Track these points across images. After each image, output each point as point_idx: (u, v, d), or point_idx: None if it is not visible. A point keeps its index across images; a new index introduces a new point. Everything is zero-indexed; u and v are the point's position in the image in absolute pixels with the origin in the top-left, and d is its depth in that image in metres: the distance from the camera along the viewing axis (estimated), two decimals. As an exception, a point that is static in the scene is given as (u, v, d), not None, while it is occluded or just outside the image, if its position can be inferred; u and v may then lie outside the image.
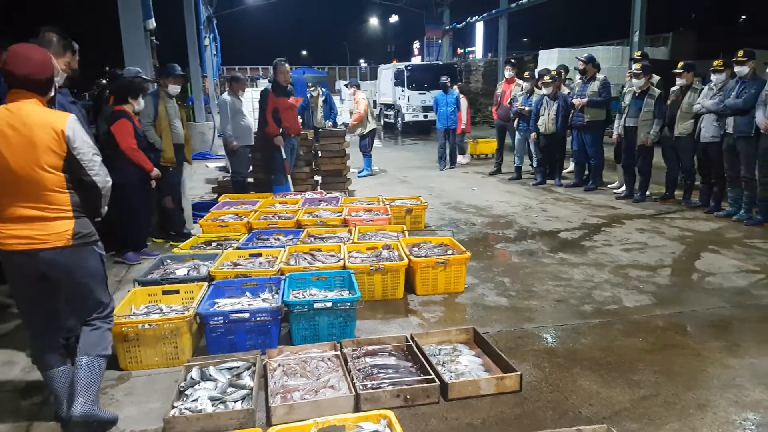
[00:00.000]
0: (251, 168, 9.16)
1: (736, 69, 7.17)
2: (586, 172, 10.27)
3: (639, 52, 10.70)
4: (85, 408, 3.01)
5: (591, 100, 9.43)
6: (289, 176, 8.61)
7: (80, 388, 3.03)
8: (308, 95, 12.68)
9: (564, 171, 11.04)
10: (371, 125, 12.35)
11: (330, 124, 12.55)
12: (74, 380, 3.05)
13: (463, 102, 13.47)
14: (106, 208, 3.24)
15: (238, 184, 8.85)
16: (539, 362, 3.93)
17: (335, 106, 13.36)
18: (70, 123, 2.93)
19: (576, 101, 9.61)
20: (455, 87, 13.31)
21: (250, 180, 9.25)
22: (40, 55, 2.97)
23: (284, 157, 8.29)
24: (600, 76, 9.68)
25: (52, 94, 3.10)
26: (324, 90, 13.36)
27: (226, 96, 8.73)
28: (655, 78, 8.80)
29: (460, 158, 13.75)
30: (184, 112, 7.17)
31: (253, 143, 8.81)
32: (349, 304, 4.21)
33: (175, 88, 6.96)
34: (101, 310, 3.20)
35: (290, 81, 8.35)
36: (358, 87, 12.88)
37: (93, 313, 3.17)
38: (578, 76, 10.08)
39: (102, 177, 3.07)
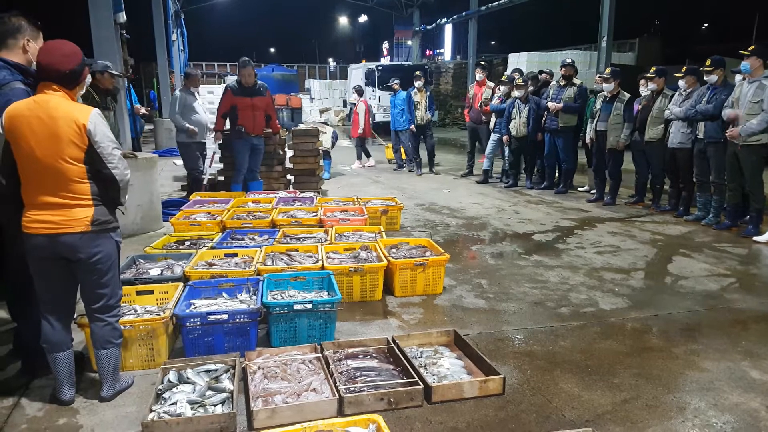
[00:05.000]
0: (222, 166, 9.06)
1: (706, 77, 7.32)
2: (556, 175, 10.37)
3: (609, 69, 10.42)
4: (112, 390, 3.42)
5: (567, 105, 9.49)
6: (256, 174, 8.68)
7: (106, 375, 3.38)
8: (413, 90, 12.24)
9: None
10: (327, 141, 12.25)
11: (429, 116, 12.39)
12: (99, 369, 3.39)
13: (362, 106, 13.55)
14: (126, 197, 3.37)
15: (195, 180, 8.80)
16: (520, 365, 3.93)
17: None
18: (92, 117, 3.05)
19: (551, 105, 9.66)
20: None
21: (221, 178, 9.13)
22: (67, 47, 3.08)
23: (237, 153, 8.36)
24: (577, 81, 9.74)
25: (82, 91, 3.24)
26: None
27: (177, 92, 8.82)
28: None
29: (362, 162, 14.06)
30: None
31: (205, 140, 8.88)
32: (329, 305, 4.16)
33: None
34: (112, 300, 3.34)
35: (254, 82, 8.23)
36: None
37: (103, 301, 3.29)
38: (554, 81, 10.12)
39: (120, 170, 3.19)
